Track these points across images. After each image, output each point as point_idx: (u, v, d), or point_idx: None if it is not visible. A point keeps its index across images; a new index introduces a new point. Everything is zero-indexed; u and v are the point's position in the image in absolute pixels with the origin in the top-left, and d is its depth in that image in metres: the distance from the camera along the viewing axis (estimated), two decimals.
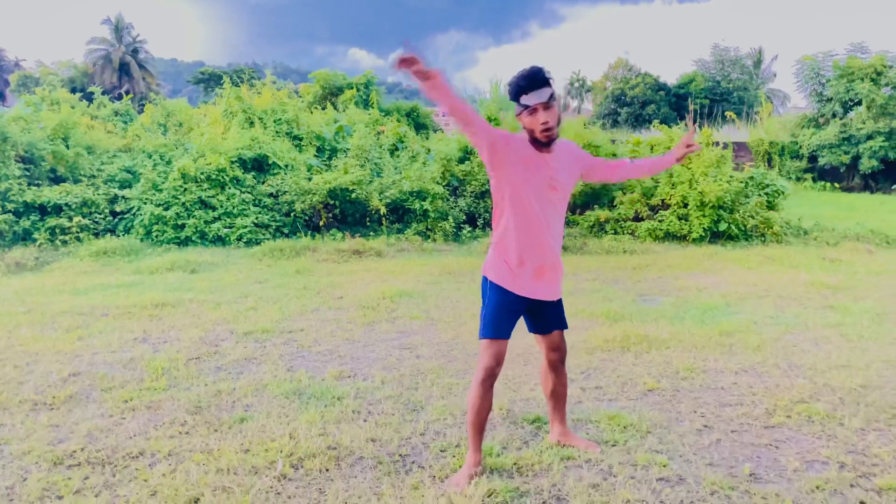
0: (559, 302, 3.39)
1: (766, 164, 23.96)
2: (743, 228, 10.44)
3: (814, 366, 4.75)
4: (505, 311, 3.18)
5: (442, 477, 3.18)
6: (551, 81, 2.98)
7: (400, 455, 3.44)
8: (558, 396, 3.51)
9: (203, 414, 3.95)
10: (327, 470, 3.25)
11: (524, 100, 2.95)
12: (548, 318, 3.36)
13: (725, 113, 28.91)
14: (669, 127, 12.74)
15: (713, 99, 52.89)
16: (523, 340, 5.38)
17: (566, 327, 3.45)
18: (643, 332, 5.54)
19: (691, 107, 25.93)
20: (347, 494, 3.02)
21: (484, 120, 3.05)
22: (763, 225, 10.53)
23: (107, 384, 4.44)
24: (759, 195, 10.94)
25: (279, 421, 3.83)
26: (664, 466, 3.30)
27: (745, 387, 4.38)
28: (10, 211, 10.36)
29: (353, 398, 4.21)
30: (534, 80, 2.93)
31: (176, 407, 4.05)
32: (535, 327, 3.41)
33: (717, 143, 12.41)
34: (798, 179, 22.94)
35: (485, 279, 3.26)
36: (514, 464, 3.33)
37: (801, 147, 23.39)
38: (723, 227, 10.26)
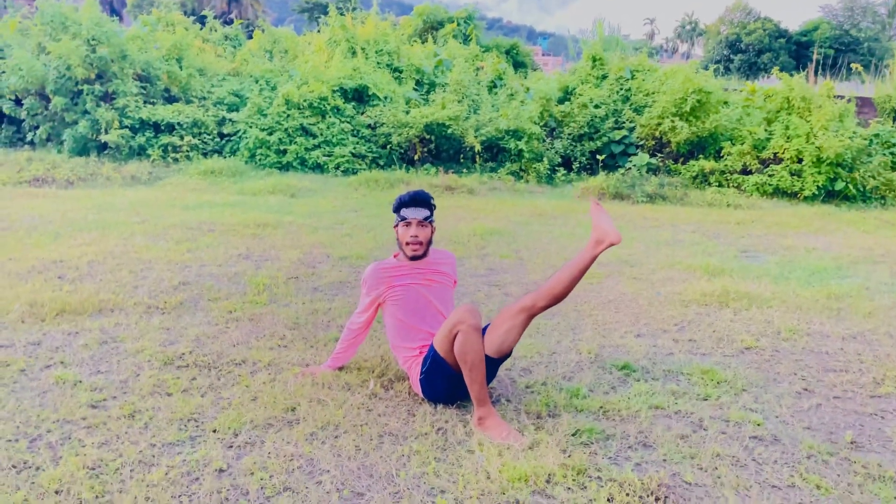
0: None
1: (893, 121, 22.08)
2: (862, 189, 9.73)
3: None
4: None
5: (528, 412, 3.20)
6: (432, 207, 3.35)
7: (490, 388, 3.48)
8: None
9: (300, 329, 4.12)
10: (415, 395, 3.33)
11: (403, 212, 3.30)
12: None
13: (851, 65, 26.65)
14: (791, 76, 11.86)
15: (839, 49, 48.86)
16: (615, 288, 5.30)
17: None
18: (744, 288, 5.31)
19: (814, 56, 24.06)
20: (434, 418, 3.09)
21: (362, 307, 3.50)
22: (885, 187, 9.78)
23: (213, 294, 4.69)
24: (884, 154, 10.12)
25: (371, 344, 3.95)
26: (759, 425, 3.20)
27: (852, 353, 4.15)
28: (126, 126, 10.95)
29: None
30: (416, 199, 3.30)
31: (276, 321, 4.24)
32: None
33: (840, 97, 11.51)
34: None
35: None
36: (601, 407, 3.30)
37: None
38: (839, 186, 9.59)
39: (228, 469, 2.65)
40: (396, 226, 3.36)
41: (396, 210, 3.33)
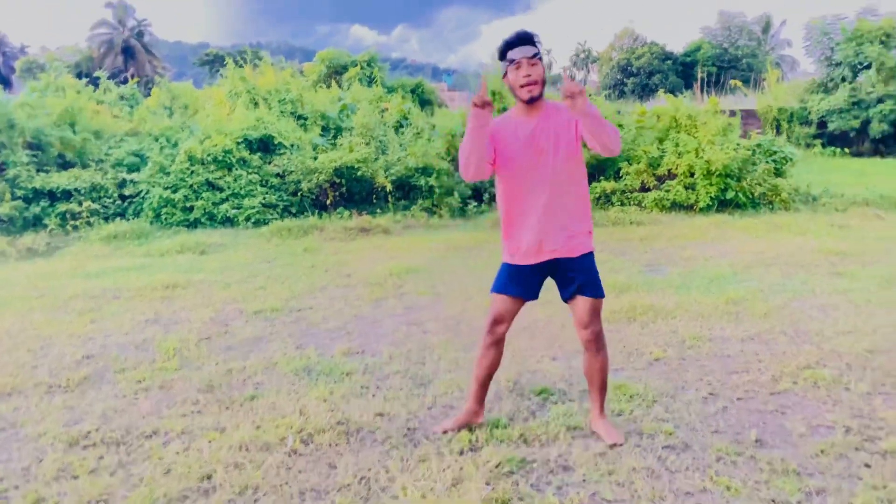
0: (585, 261, 3.19)
1: (775, 130, 23.69)
2: (751, 196, 10.38)
3: (820, 332, 4.75)
4: (513, 273, 3.26)
5: (451, 450, 3.22)
6: (538, 45, 3.10)
7: (408, 429, 3.49)
8: (591, 379, 3.36)
9: (214, 393, 4.01)
10: (337, 445, 3.30)
11: (510, 55, 3.06)
12: (569, 279, 3.20)
13: (731, 82, 28.50)
14: (675, 96, 12.59)
15: (721, 66, 52.14)
16: (529, 315, 5.40)
17: (596, 295, 3.20)
18: (649, 302, 5.55)
19: (699, 75, 25.61)
20: (357, 468, 3.07)
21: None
22: (771, 192, 10.46)
23: (120, 365, 4.51)
24: (767, 162, 10.85)
25: (289, 398, 3.88)
26: (670, 434, 3.34)
27: (751, 354, 4.40)
28: (19, 197, 10.43)
29: (361, 374, 4.26)
30: (520, 38, 3.07)
31: (188, 386, 4.11)
32: (561, 293, 3.31)
33: (724, 112, 12.28)
34: (807, 146, 22.65)
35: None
36: (521, 435, 3.36)
37: (810, 113, 23.06)
38: (730, 195, 10.20)
39: None
40: (505, 75, 3.11)
41: (502, 56, 3.09)
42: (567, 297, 3.28)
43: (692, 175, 10.51)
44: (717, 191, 10.21)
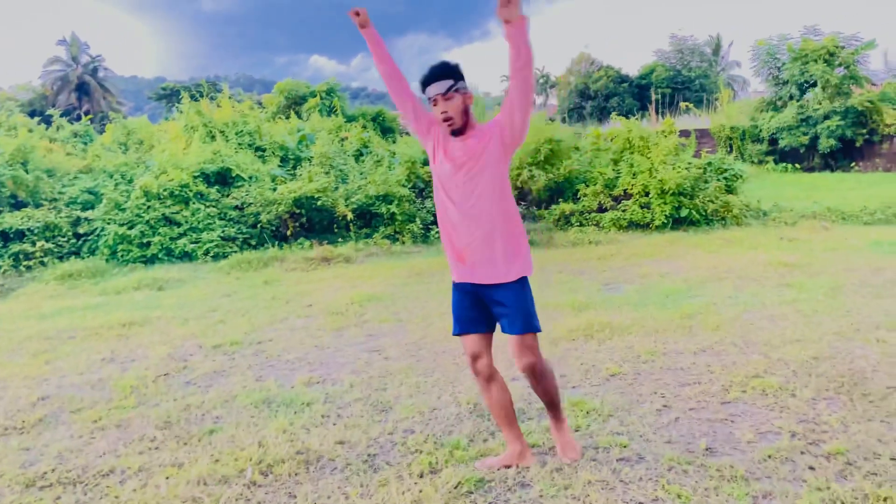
0: (512, 298, 3.03)
1: (728, 149, 24.39)
2: (704, 213, 10.68)
3: (769, 341, 4.91)
4: (458, 303, 3.19)
5: (410, 473, 3.25)
6: (456, 72, 3.00)
7: (369, 455, 3.50)
8: (543, 401, 3.33)
9: (172, 429, 3.97)
10: (296, 474, 3.30)
11: (426, 93, 3.03)
12: (498, 312, 3.09)
13: (680, 104, 29.31)
14: (628, 118, 12.94)
15: (675, 88, 53.56)
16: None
17: (519, 332, 3.04)
18: (606, 319, 5.66)
19: (653, 97, 26.29)
20: (316, 496, 3.08)
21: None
22: (723, 209, 10.77)
23: (76, 405, 4.44)
24: (718, 180, 11.19)
25: (248, 430, 3.87)
26: (625, 447, 3.41)
27: (703, 366, 4.53)
28: None
29: (322, 403, 4.26)
30: (433, 73, 2.99)
31: (145, 424, 4.07)
32: (500, 324, 3.16)
33: (684, 132, 12.63)
34: (760, 163, 23.38)
35: None
36: (480, 455, 3.41)
37: (761, 131, 23.83)
38: (684, 213, 10.48)
39: None
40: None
41: (423, 92, 3.04)
42: (502, 326, 3.13)
43: (647, 194, 10.78)
44: (671, 209, 10.48)
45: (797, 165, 22.69)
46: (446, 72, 2.99)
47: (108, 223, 10.75)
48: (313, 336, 5.93)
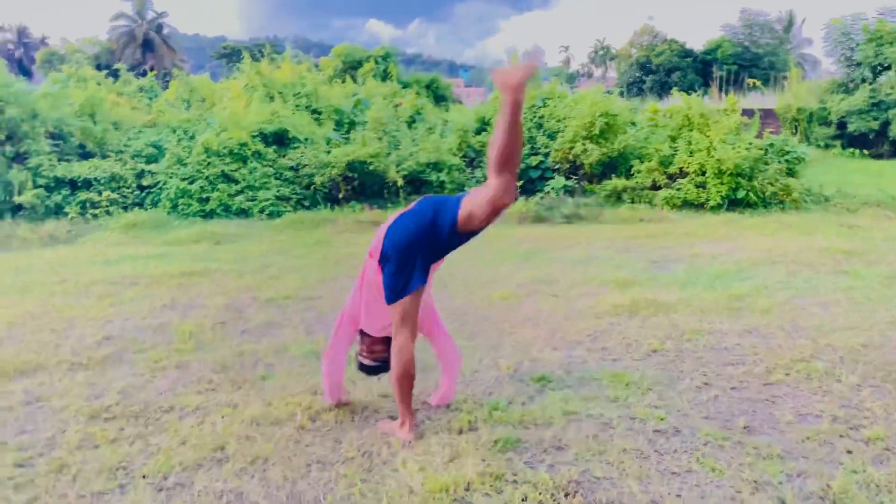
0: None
1: (794, 130, 23.58)
2: (762, 196, 10.43)
3: (818, 327, 4.86)
4: None
5: (450, 429, 3.38)
6: None
7: (415, 410, 3.64)
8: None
9: (228, 373, 4.19)
10: (342, 422, 3.47)
11: None
12: None
13: (748, 81, 28.33)
14: (689, 94, 12.63)
15: (742, 65, 51.77)
16: (533, 307, 5.56)
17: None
18: (652, 297, 5.66)
19: (717, 73, 25.51)
20: (361, 443, 3.24)
21: None
22: (782, 192, 10.51)
23: (138, 347, 4.71)
24: (780, 162, 10.90)
25: (299, 379, 4.06)
26: (661, 420, 3.47)
27: (748, 347, 4.52)
28: (41, 186, 10.72)
29: None
30: None
31: (203, 367, 4.30)
32: None
33: (743, 112, 12.28)
34: (826, 146, 22.54)
35: None
36: (520, 418, 3.51)
37: (829, 113, 22.91)
38: (741, 194, 10.26)
39: None
40: None
41: None
42: None
43: (703, 174, 10.58)
44: (728, 190, 10.27)
45: (865, 151, 21.78)
46: None
47: (171, 177, 11.14)
48: None
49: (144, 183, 11.43)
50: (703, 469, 3.00)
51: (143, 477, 2.96)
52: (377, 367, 3.50)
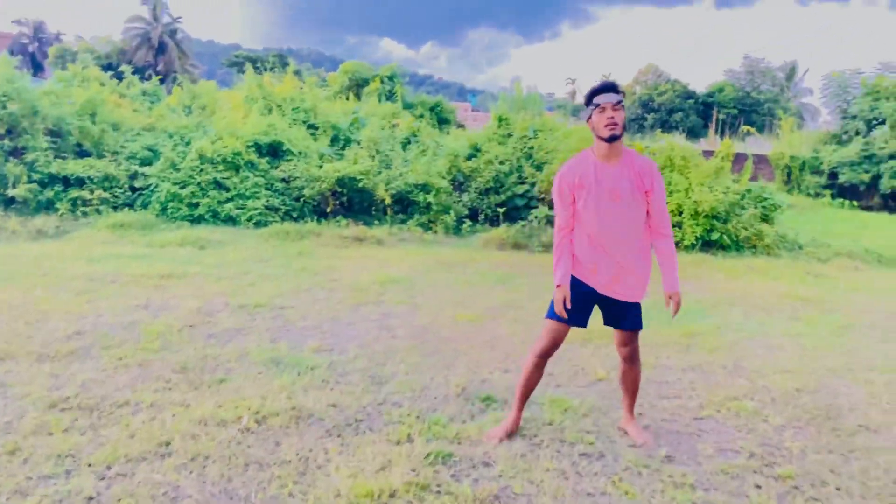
0: (634, 308, 3.74)
1: (786, 178, 23.97)
2: (735, 239, 10.68)
3: (759, 369, 5.06)
4: (577, 301, 3.68)
5: (388, 440, 3.57)
6: (622, 94, 3.52)
7: (355, 420, 3.84)
8: (626, 387, 3.91)
9: (187, 374, 4.38)
10: (287, 427, 3.66)
11: (596, 100, 3.46)
12: (621, 315, 3.74)
13: (742, 127, 28.75)
14: (688, 136, 12.94)
15: (742, 109, 52.50)
16: (494, 330, 5.75)
17: (639, 328, 3.80)
18: (608, 328, 5.85)
19: (716, 116, 25.94)
20: (300, 447, 3.43)
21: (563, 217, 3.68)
22: (755, 237, 10.75)
23: (106, 343, 4.90)
24: (756, 207, 11.15)
25: (254, 384, 4.25)
26: (590, 444, 3.67)
27: (686, 382, 4.72)
28: (35, 181, 10.94)
29: (325, 369, 4.61)
30: (605, 87, 3.51)
31: (164, 366, 4.49)
32: (606, 320, 3.84)
33: (736, 156, 12.55)
34: (817, 195, 22.89)
35: None
36: (457, 434, 3.70)
37: (821, 163, 23.31)
38: (715, 236, 10.51)
39: (97, 497, 2.91)
40: (589, 118, 3.49)
41: (589, 101, 3.51)
42: (608, 323, 3.84)
43: (680, 213, 10.84)
44: (702, 231, 10.52)
45: (855, 203, 22.13)
46: (617, 89, 3.52)
47: (163, 180, 11.37)
48: (332, 308, 6.30)
49: (137, 185, 11.65)
50: (617, 492, 3.19)
51: (89, 465, 3.15)
52: None
